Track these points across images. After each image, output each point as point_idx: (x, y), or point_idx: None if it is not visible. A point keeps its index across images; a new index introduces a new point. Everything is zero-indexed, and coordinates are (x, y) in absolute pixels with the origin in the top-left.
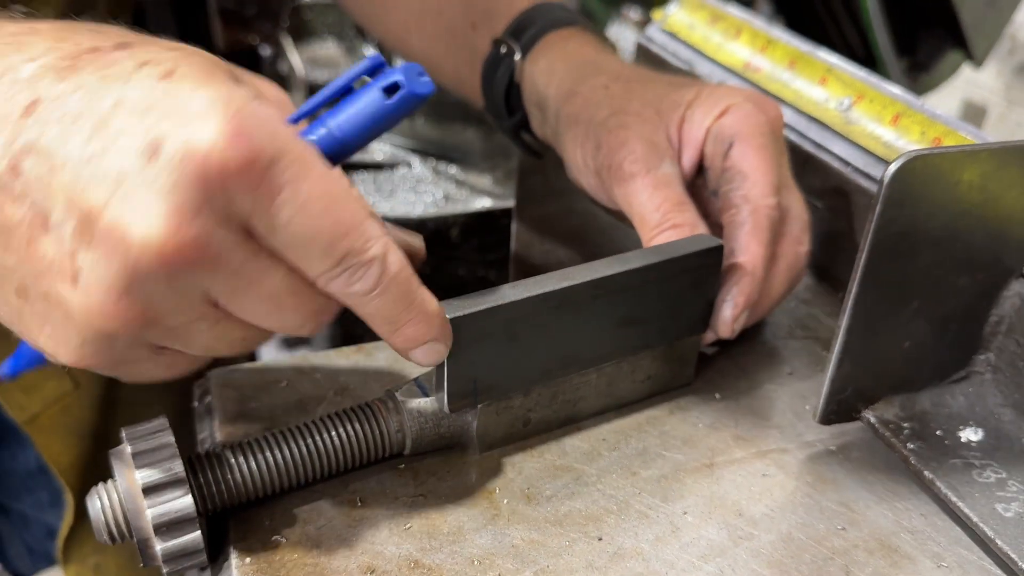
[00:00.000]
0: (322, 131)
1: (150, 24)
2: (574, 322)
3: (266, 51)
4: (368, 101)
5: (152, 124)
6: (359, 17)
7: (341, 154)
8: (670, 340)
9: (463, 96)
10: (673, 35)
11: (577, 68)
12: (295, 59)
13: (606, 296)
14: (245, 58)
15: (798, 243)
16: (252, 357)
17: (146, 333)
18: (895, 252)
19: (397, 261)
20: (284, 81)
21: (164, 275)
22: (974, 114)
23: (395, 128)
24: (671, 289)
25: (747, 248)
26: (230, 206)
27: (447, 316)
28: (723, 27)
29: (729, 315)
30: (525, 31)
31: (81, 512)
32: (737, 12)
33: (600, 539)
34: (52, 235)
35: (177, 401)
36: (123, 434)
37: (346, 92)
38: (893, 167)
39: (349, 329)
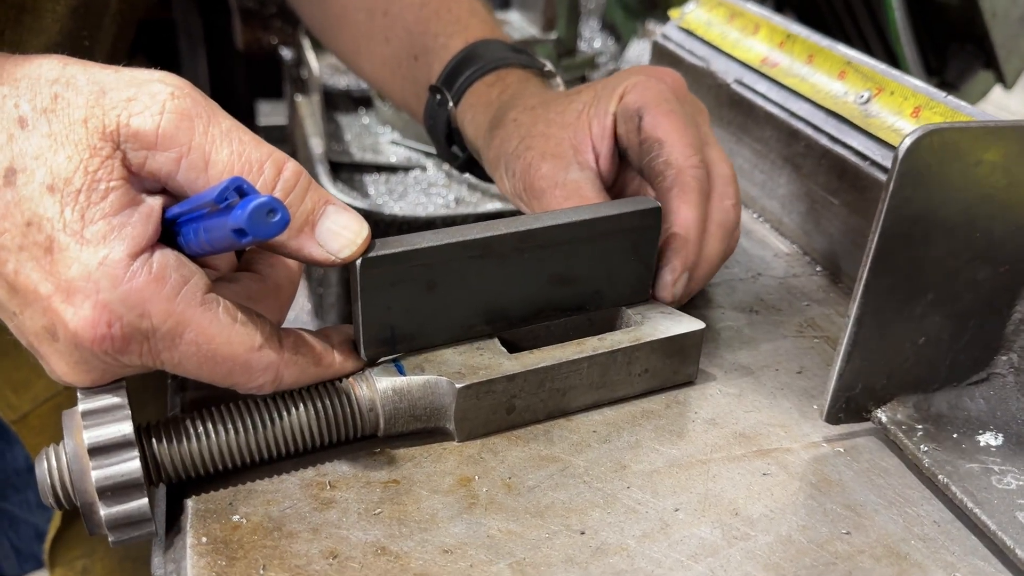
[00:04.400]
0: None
1: (178, 22)
2: (499, 275)
3: (287, 55)
4: (224, 235)
5: (47, 307)
6: (316, 33)
7: (204, 257)
8: (608, 305)
9: (415, 119)
10: (690, 32)
11: (494, 114)
12: (313, 63)
13: (534, 250)
14: (266, 60)
15: (725, 197)
16: None
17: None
18: (908, 237)
19: (294, 373)
20: (303, 85)
21: (97, 384)
22: None
23: (410, 132)
24: (606, 250)
25: (678, 211)
26: (124, 359)
27: (361, 257)
28: (741, 24)
29: (669, 280)
30: (457, 79)
31: (68, 514)
32: (755, 9)
33: (583, 533)
34: (16, 327)
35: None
36: (78, 393)
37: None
38: (907, 141)
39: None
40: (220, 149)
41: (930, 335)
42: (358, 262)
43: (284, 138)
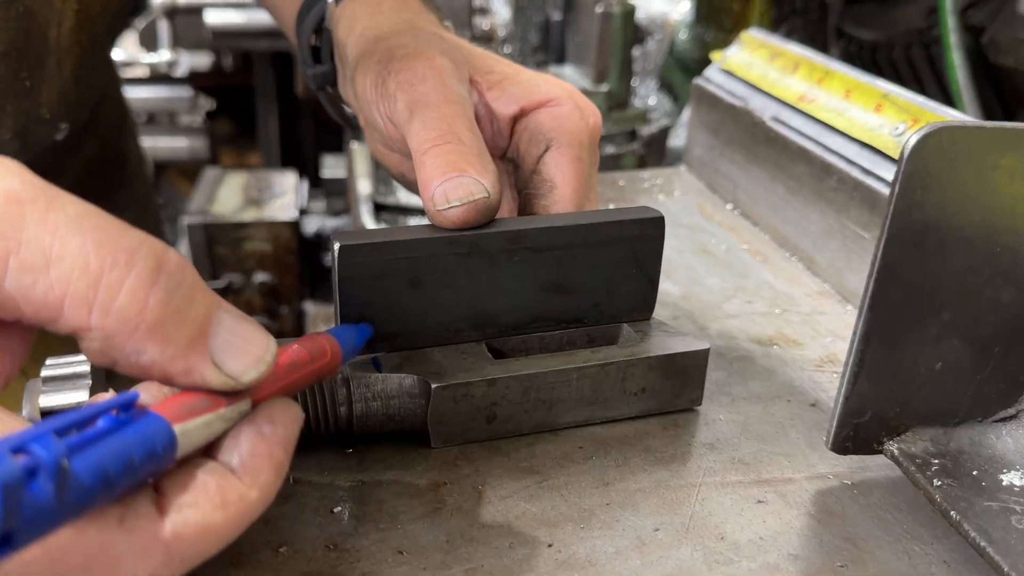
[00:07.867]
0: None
1: (256, 86)
2: (488, 277)
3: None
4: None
5: None
6: None
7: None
8: (607, 320)
9: (289, 39)
10: (730, 74)
11: (384, 22)
12: None
13: (525, 253)
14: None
15: None
16: None
17: None
18: (919, 247)
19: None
20: (360, 132)
21: None
22: None
23: None
24: (605, 259)
25: None
26: None
27: (340, 244)
28: (781, 63)
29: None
30: None
31: None
32: (796, 49)
33: (550, 545)
34: None
35: None
36: (46, 361)
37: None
38: (913, 139)
39: None
40: (68, 239)
41: (948, 361)
42: (337, 248)
43: (344, 190)
